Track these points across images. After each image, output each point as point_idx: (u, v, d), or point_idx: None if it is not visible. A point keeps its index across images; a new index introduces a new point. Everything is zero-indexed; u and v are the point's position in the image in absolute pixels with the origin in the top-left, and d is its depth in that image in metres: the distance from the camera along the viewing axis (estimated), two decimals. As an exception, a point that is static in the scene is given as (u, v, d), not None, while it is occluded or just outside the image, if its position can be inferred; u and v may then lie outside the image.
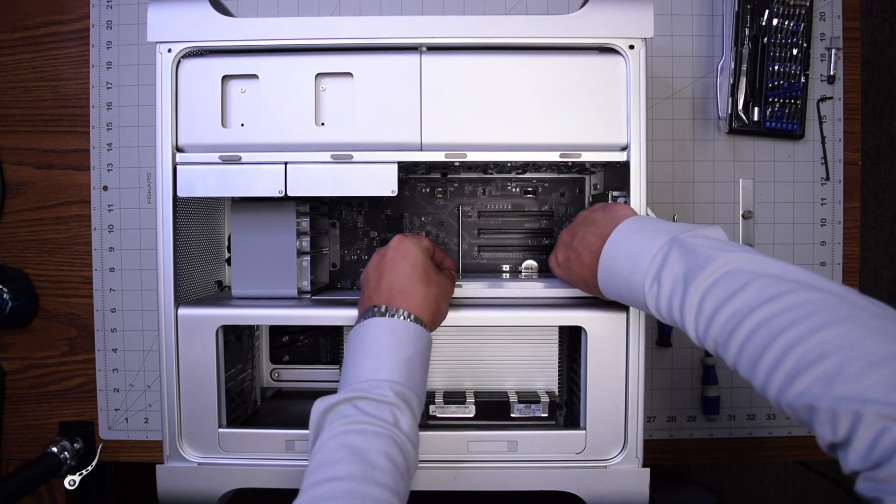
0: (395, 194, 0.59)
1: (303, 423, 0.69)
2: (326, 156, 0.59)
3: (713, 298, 0.44)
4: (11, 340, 0.82)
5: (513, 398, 0.64)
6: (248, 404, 0.73)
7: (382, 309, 0.55)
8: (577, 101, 0.59)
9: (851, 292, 0.40)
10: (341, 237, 0.79)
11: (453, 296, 0.62)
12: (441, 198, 0.79)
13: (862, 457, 0.34)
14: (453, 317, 0.61)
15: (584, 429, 0.61)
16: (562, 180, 0.78)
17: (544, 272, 0.78)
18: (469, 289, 0.64)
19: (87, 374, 0.81)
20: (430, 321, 0.56)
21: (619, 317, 0.59)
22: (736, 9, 0.76)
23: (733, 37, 0.76)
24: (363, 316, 0.56)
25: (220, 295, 0.72)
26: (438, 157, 0.59)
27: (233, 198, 0.70)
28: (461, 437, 0.61)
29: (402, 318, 0.54)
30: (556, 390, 0.68)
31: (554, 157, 0.60)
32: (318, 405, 0.51)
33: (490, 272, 0.79)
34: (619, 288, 0.52)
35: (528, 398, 0.64)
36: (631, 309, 0.59)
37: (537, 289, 0.64)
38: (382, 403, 0.49)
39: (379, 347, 0.53)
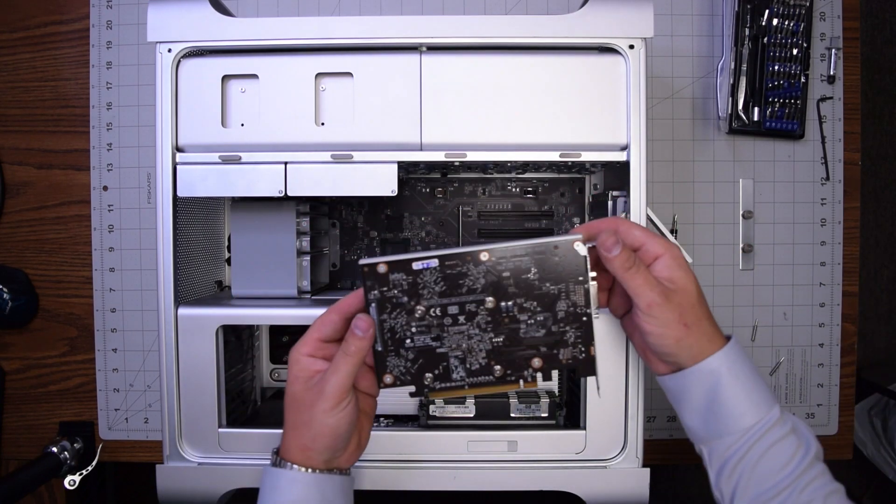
0: (395, 194, 0.59)
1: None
2: (326, 156, 0.59)
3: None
4: (11, 340, 0.82)
5: (513, 398, 0.64)
6: (248, 404, 0.73)
7: (276, 460, 0.50)
8: (577, 100, 0.59)
9: None
10: (341, 237, 0.79)
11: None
12: (441, 198, 0.79)
13: None
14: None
15: (584, 429, 0.61)
16: (562, 180, 0.78)
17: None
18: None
19: (87, 374, 0.81)
20: (325, 463, 0.48)
21: (619, 317, 0.59)
22: (736, 9, 0.76)
23: (733, 37, 0.76)
24: (272, 455, 0.51)
25: (220, 295, 0.72)
26: (438, 156, 0.59)
27: (233, 198, 0.70)
28: (461, 436, 0.61)
29: (292, 469, 0.48)
30: (556, 390, 0.68)
31: (554, 156, 0.60)
32: None
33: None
34: (736, 376, 0.48)
35: (528, 398, 0.64)
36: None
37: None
38: None
39: None
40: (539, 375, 0.47)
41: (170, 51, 0.59)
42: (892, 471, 1.44)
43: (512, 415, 0.64)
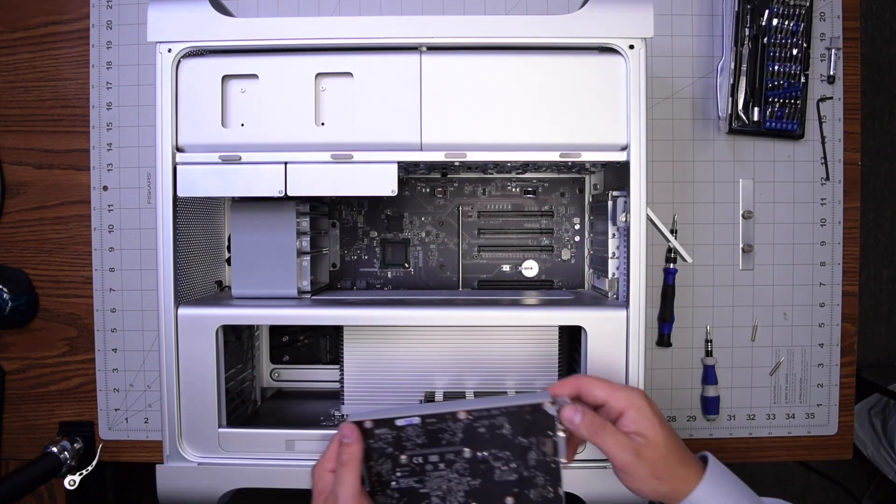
0: (395, 194, 0.59)
1: (303, 422, 0.69)
2: (326, 156, 0.59)
3: None
4: (11, 340, 0.82)
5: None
6: (248, 404, 0.73)
7: None
8: (577, 101, 0.59)
9: None
10: (341, 237, 0.79)
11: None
12: (441, 198, 0.79)
13: None
14: (454, 316, 0.61)
15: (584, 429, 0.60)
16: (562, 180, 0.78)
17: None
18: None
19: (87, 374, 0.81)
20: None
21: (619, 316, 0.59)
22: (736, 9, 0.76)
23: (733, 37, 0.76)
24: None
25: (220, 295, 0.72)
26: (438, 156, 0.59)
27: (233, 198, 0.70)
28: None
29: None
30: (556, 390, 0.68)
31: (554, 157, 0.60)
32: None
33: (490, 272, 0.79)
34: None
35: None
36: (631, 308, 0.59)
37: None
38: None
39: None
40: None
41: (170, 51, 0.59)
42: (892, 471, 1.44)
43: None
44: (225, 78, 0.59)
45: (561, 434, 0.49)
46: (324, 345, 0.80)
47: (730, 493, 0.50)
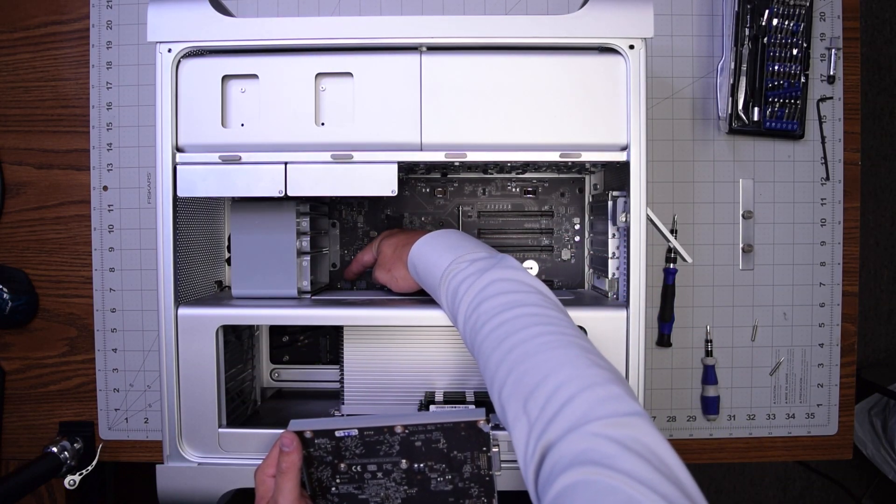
0: (395, 194, 0.59)
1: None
2: (326, 156, 0.59)
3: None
4: (11, 340, 0.82)
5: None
6: (248, 404, 0.73)
7: None
8: (577, 101, 0.59)
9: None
10: (341, 237, 0.79)
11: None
12: (441, 198, 0.79)
13: None
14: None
15: (584, 429, 0.60)
16: (562, 180, 0.78)
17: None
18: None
19: (87, 374, 0.81)
20: None
21: (619, 316, 0.59)
22: (736, 9, 0.76)
23: (733, 37, 0.76)
24: None
25: (220, 295, 0.72)
26: (438, 157, 0.59)
27: (233, 198, 0.70)
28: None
29: None
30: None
31: (554, 157, 0.60)
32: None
33: (490, 272, 0.79)
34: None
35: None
36: (631, 308, 0.59)
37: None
38: None
39: None
40: None
41: (170, 51, 0.59)
42: (892, 471, 1.44)
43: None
44: (225, 78, 0.59)
45: (495, 450, 0.52)
46: (324, 345, 0.80)
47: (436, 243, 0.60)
